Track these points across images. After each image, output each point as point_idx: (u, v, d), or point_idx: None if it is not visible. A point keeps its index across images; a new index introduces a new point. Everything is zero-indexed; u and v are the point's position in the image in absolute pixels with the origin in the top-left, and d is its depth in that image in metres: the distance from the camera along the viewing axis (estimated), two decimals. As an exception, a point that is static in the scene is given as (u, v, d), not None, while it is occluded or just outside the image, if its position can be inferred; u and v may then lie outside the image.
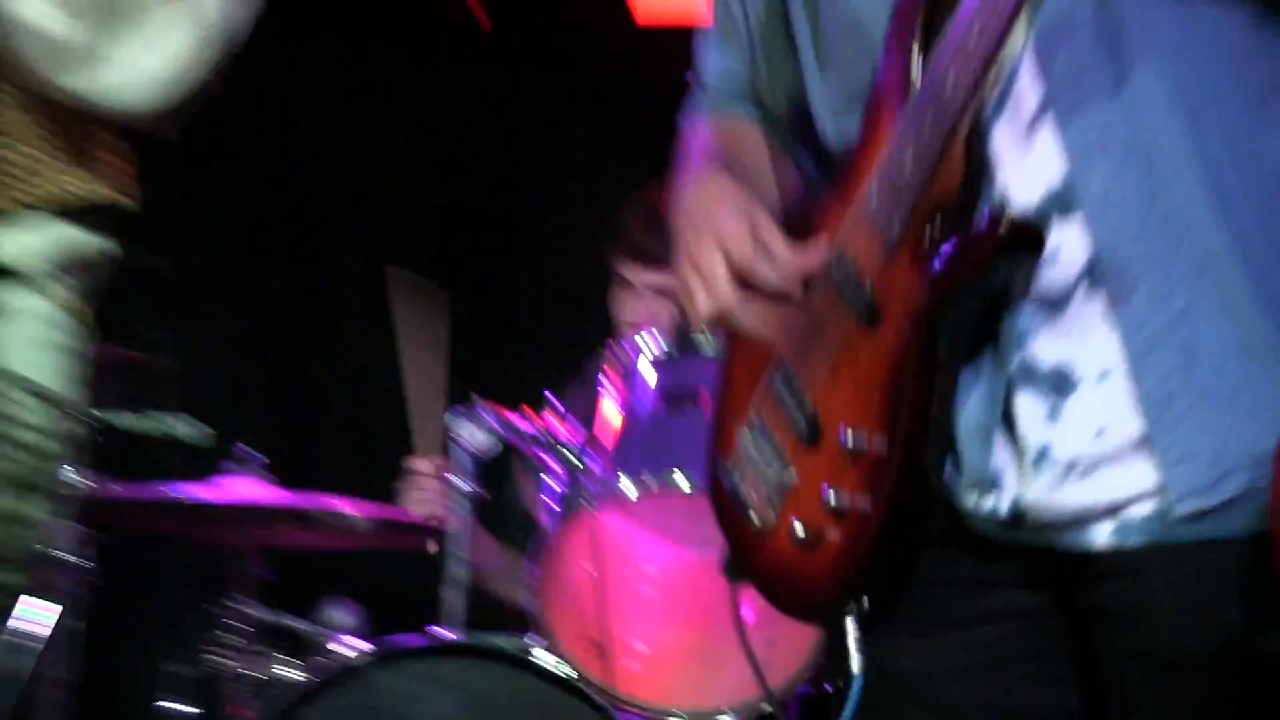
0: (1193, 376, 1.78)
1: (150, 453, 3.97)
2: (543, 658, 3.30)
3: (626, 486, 3.28)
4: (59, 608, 3.45)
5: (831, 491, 1.83)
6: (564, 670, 3.29)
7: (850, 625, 1.82)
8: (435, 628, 3.54)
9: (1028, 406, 1.83)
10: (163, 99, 2.30)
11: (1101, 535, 1.80)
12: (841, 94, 1.96)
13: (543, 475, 3.57)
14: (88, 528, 3.51)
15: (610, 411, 3.45)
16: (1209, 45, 1.86)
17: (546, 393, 3.68)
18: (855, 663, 1.85)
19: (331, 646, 3.72)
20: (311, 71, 5.13)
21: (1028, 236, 1.78)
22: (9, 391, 2.24)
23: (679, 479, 3.19)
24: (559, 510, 3.44)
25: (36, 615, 3.39)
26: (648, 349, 3.41)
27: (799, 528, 1.86)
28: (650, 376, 3.40)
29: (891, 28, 1.89)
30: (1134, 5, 1.84)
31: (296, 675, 3.66)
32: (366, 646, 3.50)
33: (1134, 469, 1.81)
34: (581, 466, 3.41)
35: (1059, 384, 1.83)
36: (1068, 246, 1.81)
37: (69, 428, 2.32)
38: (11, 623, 2.47)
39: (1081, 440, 1.80)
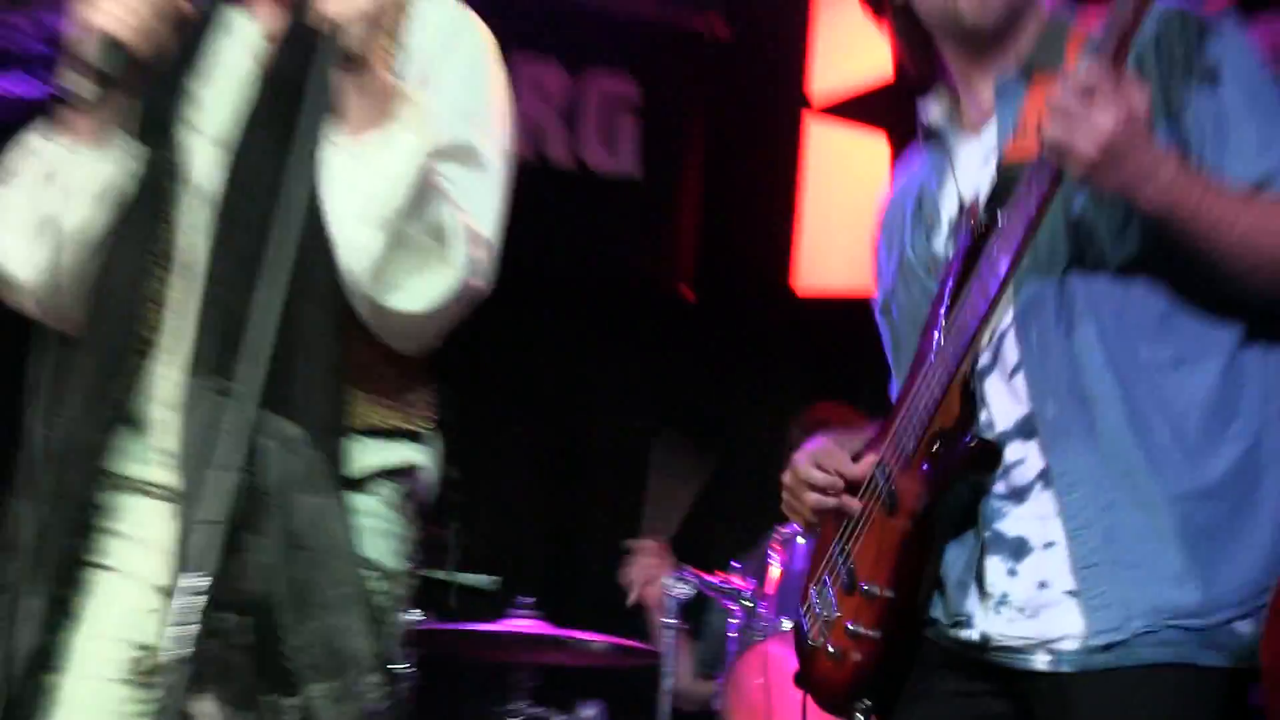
0: (1111, 550, 2.18)
1: (456, 597, 4.88)
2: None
3: (784, 624, 4.31)
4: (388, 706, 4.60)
5: (850, 624, 2.35)
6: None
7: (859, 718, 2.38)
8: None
9: (994, 565, 2.26)
10: (450, 318, 2.45)
11: (1041, 660, 2.20)
12: (901, 366, 2.50)
13: (727, 617, 4.64)
14: (412, 649, 4.45)
15: (774, 571, 4.51)
16: (1135, 314, 2.23)
17: (732, 561, 4.80)
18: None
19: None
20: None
21: (991, 452, 2.25)
22: (364, 568, 2.45)
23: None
24: (738, 641, 4.53)
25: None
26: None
27: (831, 648, 2.40)
28: (802, 546, 4.44)
29: (929, 318, 2.37)
30: (1082, 286, 2.23)
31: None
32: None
33: (1066, 613, 2.20)
34: (754, 610, 4.49)
35: (1017, 550, 2.24)
36: (1030, 458, 2.25)
37: (400, 588, 2.53)
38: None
39: (1030, 590, 2.21)
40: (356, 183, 2.33)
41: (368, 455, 2.46)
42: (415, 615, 4.56)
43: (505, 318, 4.66)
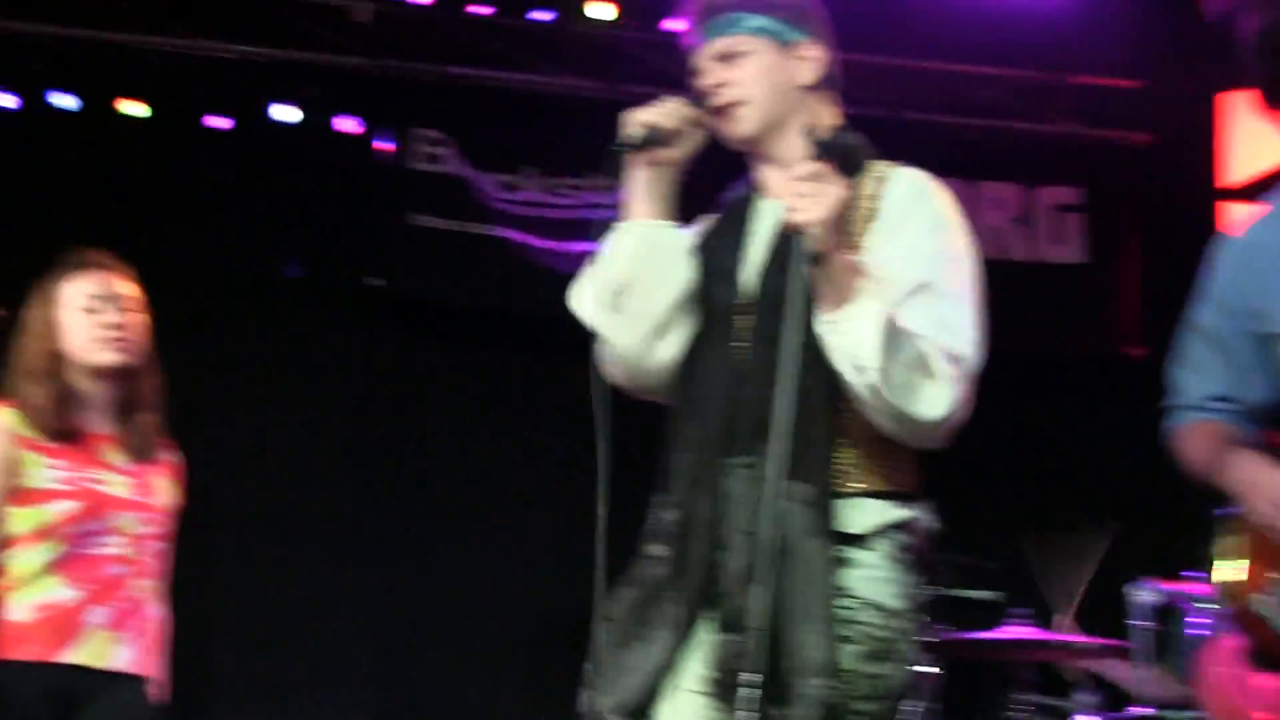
0: None
1: (971, 610, 5.86)
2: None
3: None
4: (923, 702, 5.39)
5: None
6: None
7: None
8: (1131, 708, 5.64)
9: None
10: (959, 417, 2.83)
11: None
12: None
13: (1190, 619, 5.25)
14: (936, 655, 5.48)
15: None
16: None
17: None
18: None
19: (1078, 717, 5.74)
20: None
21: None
22: (857, 607, 2.80)
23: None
24: (1202, 639, 4.98)
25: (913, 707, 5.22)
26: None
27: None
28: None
29: None
30: None
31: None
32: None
33: None
34: (1211, 610, 5.02)
35: None
36: None
37: (903, 623, 2.86)
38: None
39: None
40: (840, 347, 2.77)
41: (870, 515, 2.86)
42: (941, 628, 5.61)
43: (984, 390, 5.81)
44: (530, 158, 7.35)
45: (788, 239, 2.84)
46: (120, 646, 3.96)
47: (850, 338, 2.75)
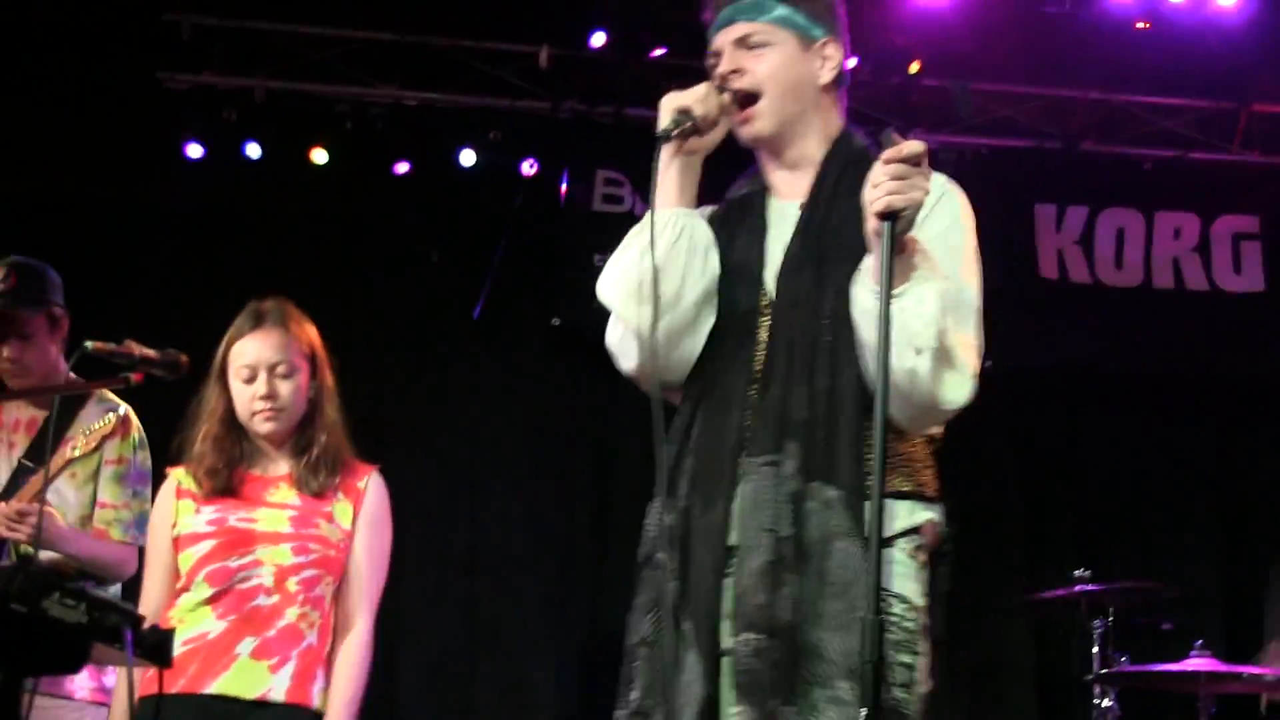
0: None
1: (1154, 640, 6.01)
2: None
3: None
4: None
5: None
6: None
7: None
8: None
9: None
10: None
11: None
12: None
13: None
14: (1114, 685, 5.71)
15: None
16: None
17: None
18: None
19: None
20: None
21: None
22: (890, 599, 2.83)
23: None
24: None
25: None
26: None
27: None
28: None
29: None
30: None
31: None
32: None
33: None
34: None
35: None
36: None
37: (924, 617, 2.88)
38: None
39: None
40: (901, 324, 2.73)
41: (898, 516, 2.89)
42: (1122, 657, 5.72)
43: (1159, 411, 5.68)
44: (707, 197, 7.43)
45: (804, 241, 2.90)
46: (272, 676, 3.92)
47: (911, 314, 2.75)
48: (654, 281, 2.93)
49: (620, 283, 2.99)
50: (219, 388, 4.11)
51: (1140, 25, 7.00)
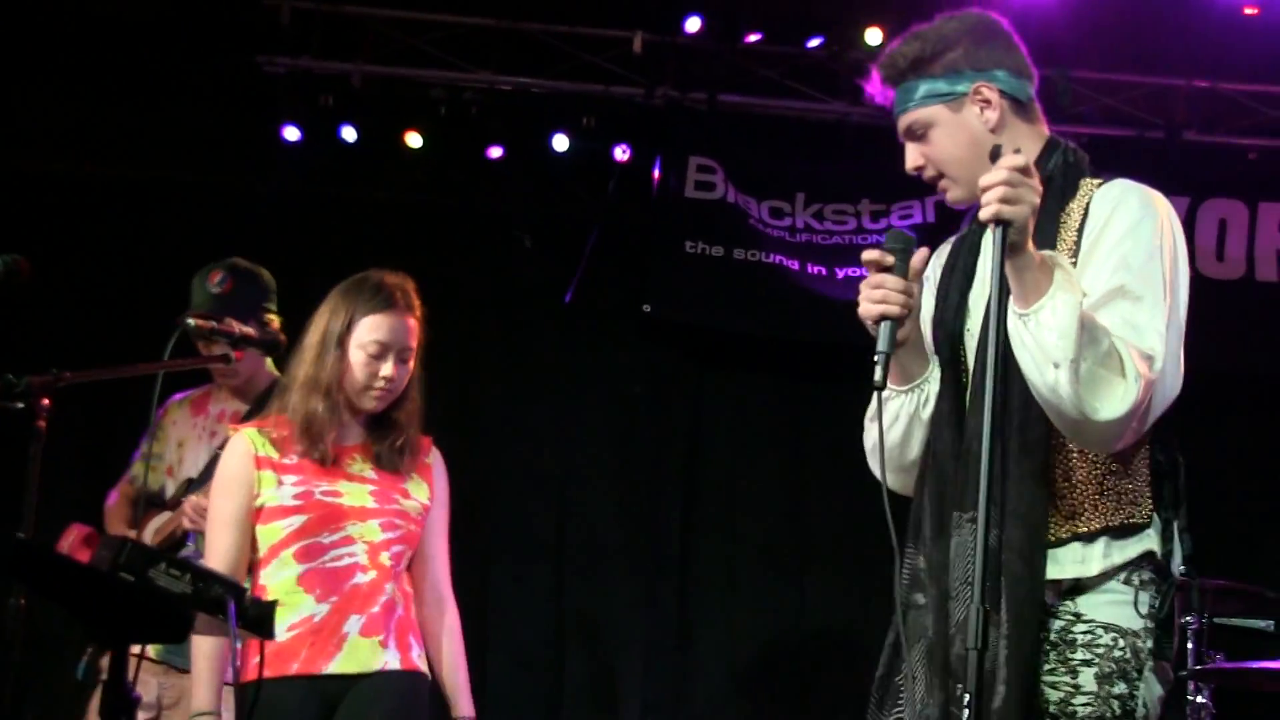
0: None
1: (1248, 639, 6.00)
2: None
3: None
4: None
5: None
6: None
7: None
8: None
9: None
10: (1138, 420, 2.83)
11: None
12: None
13: None
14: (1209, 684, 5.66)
15: None
16: None
17: None
18: None
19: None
20: None
21: None
22: (1095, 630, 2.91)
23: None
24: None
25: None
26: None
27: None
28: None
29: None
30: None
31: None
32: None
33: None
34: None
35: None
36: None
37: (1140, 641, 2.92)
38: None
39: None
40: (1035, 341, 2.78)
41: (1101, 554, 2.93)
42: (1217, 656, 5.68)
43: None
44: (801, 184, 7.41)
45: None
46: (384, 651, 3.98)
47: (1045, 328, 2.77)
48: (880, 458, 3.13)
49: (873, 455, 3.18)
50: (338, 354, 4.10)
51: (1249, 11, 6.88)
